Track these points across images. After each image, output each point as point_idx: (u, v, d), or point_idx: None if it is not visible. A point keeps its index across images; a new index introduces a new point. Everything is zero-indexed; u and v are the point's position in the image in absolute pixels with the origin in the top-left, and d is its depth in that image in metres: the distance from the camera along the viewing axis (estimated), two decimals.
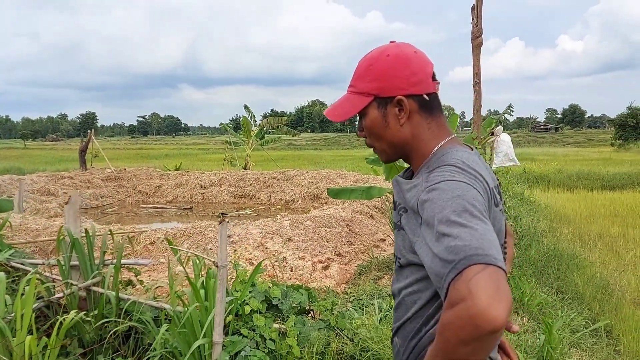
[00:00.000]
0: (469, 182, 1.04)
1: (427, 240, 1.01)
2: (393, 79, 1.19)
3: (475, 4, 5.21)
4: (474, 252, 0.89)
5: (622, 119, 39.65)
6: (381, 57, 1.21)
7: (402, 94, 1.19)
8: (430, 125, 1.22)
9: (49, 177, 13.42)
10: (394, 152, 1.27)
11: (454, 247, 0.91)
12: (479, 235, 0.92)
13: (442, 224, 0.96)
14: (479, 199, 1.02)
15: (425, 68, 1.21)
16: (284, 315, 3.03)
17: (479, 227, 0.94)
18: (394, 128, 1.22)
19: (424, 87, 1.20)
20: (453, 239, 0.92)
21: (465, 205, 0.98)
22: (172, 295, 2.71)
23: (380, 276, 5.91)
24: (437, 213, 0.99)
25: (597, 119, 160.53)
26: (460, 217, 0.95)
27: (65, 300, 3.30)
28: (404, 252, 1.18)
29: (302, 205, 12.44)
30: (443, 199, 1.00)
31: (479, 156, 1.22)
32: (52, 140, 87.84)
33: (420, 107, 1.20)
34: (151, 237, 6.69)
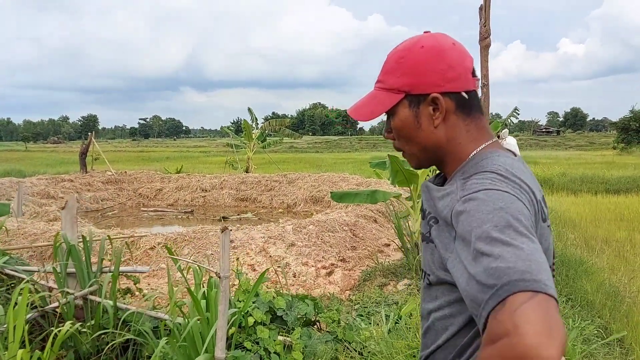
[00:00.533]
0: (513, 193, 0.90)
1: (462, 258, 0.87)
2: (427, 74, 1.04)
3: (483, 4, 5.08)
4: (520, 276, 0.75)
5: (625, 123, 39.53)
6: (414, 49, 1.06)
7: (437, 91, 1.04)
8: (468, 127, 1.07)
9: (49, 180, 13.31)
10: (425, 157, 1.12)
11: (495, 269, 0.78)
12: (525, 256, 0.78)
13: (481, 241, 0.82)
14: (524, 212, 0.87)
15: (464, 62, 1.06)
16: (289, 327, 2.90)
17: (526, 246, 0.80)
18: (426, 130, 1.07)
19: (462, 84, 1.05)
20: (494, 259, 0.79)
21: (509, 219, 0.84)
22: (171, 306, 2.58)
23: (385, 283, 5.78)
24: (475, 227, 0.85)
25: (599, 122, 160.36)
26: (503, 233, 0.81)
27: (60, 309, 3.17)
28: (433, 268, 1.03)
29: (305, 209, 12.31)
30: (482, 211, 0.86)
31: (524, 164, 1.07)
32: (53, 143, 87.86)
33: (458, 107, 1.05)
34: (151, 241, 6.56)
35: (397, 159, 5.90)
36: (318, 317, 3.08)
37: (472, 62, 1.07)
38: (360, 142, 69.06)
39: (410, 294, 5.14)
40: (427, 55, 1.04)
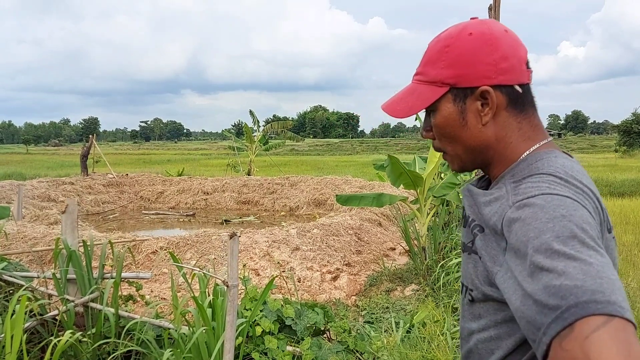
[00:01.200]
0: (576, 198, 0.78)
1: (515, 273, 0.75)
2: (477, 64, 0.91)
3: (492, 4, 4.98)
4: (590, 296, 0.63)
5: (627, 125, 39.38)
6: (461, 37, 0.93)
7: (487, 84, 0.91)
8: (520, 125, 0.94)
9: (49, 183, 13.21)
10: (470, 159, 0.99)
11: (559, 288, 0.66)
12: (595, 272, 0.66)
13: (541, 254, 0.70)
14: (590, 221, 0.76)
15: (519, 51, 0.93)
16: (299, 336, 2.78)
17: (595, 260, 0.68)
18: (474, 128, 0.94)
19: (516, 76, 0.92)
20: (557, 275, 0.67)
21: (573, 229, 0.72)
22: (176, 316, 2.46)
23: (392, 288, 5.67)
24: (532, 238, 0.73)
25: (600, 125, 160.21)
26: (567, 245, 0.70)
27: (60, 317, 3.06)
28: (477, 283, 0.91)
29: (307, 212, 12.20)
30: (541, 218, 0.74)
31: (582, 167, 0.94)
32: (54, 146, 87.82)
33: (510, 102, 0.93)
34: (153, 245, 6.46)
35: (398, 160, 5.78)
36: (328, 326, 2.96)
37: (526, 51, 0.95)
38: (361, 144, 68.93)
39: (419, 300, 5.03)
40: (476, 44, 0.91)
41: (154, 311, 3.19)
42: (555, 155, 0.90)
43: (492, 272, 0.84)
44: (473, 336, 0.94)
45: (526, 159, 0.91)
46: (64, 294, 3.20)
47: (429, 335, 2.74)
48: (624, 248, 7.62)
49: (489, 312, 0.90)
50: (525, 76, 0.94)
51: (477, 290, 0.91)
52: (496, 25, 0.94)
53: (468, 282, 0.94)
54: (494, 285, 0.83)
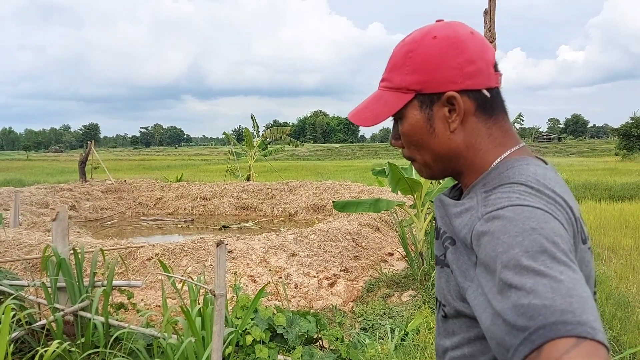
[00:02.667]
0: (547, 209, 0.74)
1: (485, 290, 0.71)
2: (442, 69, 0.87)
3: (488, 8, 4.96)
4: (560, 317, 0.60)
5: (626, 129, 39.37)
6: (425, 40, 0.89)
7: (454, 89, 0.87)
8: (491, 131, 0.89)
9: (47, 190, 13.17)
10: (440, 168, 0.95)
11: (527, 307, 0.63)
12: (565, 290, 0.63)
13: (509, 270, 0.67)
14: (562, 234, 0.71)
15: (486, 54, 0.88)
16: (290, 345, 2.73)
17: (565, 276, 0.64)
18: (442, 135, 0.90)
19: (484, 80, 0.87)
20: (526, 293, 0.64)
21: (544, 243, 0.68)
22: (164, 324, 2.42)
23: (389, 294, 5.62)
24: (500, 253, 0.69)
25: (600, 129, 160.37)
26: (536, 260, 0.66)
27: (49, 327, 3.02)
28: (449, 298, 0.86)
29: (306, 217, 12.16)
30: (510, 232, 0.70)
31: (557, 173, 0.90)
32: (54, 152, 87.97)
33: (479, 107, 0.88)
34: (149, 252, 6.41)
35: (397, 167, 5.76)
36: (320, 334, 2.91)
37: (494, 54, 0.90)
38: (361, 149, 68.98)
39: (416, 306, 4.98)
40: (441, 47, 0.87)
41: (145, 320, 3.15)
42: (527, 162, 0.86)
43: (463, 288, 0.80)
44: (447, 354, 0.90)
45: (497, 167, 0.87)
46: (54, 302, 3.16)
47: (422, 343, 2.70)
48: (623, 252, 7.59)
49: (462, 328, 0.85)
50: (494, 79, 0.89)
51: (450, 305, 0.86)
52: (462, 28, 0.90)
53: (441, 297, 0.90)
54: (466, 301, 0.79)
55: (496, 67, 0.90)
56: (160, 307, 4.84)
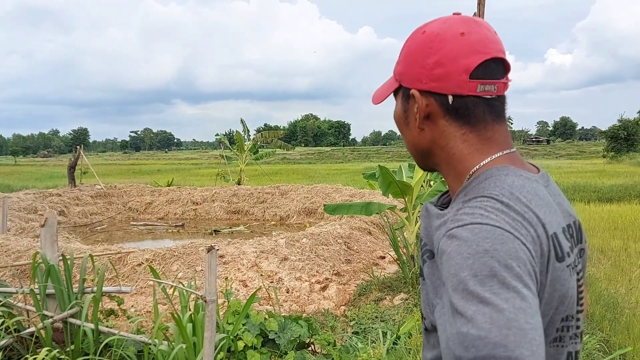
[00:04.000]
0: (508, 229, 0.71)
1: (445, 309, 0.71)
2: (414, 65, 0.87)
3: (476, 11, 5.00)
4: (490, 351, 0.60)
5: (614, 131, 39.85)
6: (416, 35, 0.90)
7: (418, 88, 0.87)
8: (466, 137, 0.87)
9: (36, 195, 13.04)
10: (419, 159, 0.97)
11: (464, 337, 0.63)
12: (504, 322, 0.61)
13: (457, 294, 0.66)
14: (519, 256, 0.69)
15: (462, 59, 0.83)
16: (282, 350, 2.72)
17: (509, 305, 0.63)
18: (413, 129, 0.91)
19: (450, 86, 0.84)
20: (466, 322, 0.63)
21: (494, 266, 0.66)
22: (154, 331, 2.40)
23: (381, 297, 5.62)
24: (452, 275, 0.68)
25: (588, 131, 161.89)
26: (484, 285, 0.65)
27: (37, 334, 2.98)
28: (427, 312, 0.85)
29: (298, 221, 12.14)
30: (462, 254, 0.69)
31: (547, 183, 0.88)
32: (43, 157, 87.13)
33: (448, 111, 0.86)
34: (139, 257, 6.36)
35: (388, 170, 5.77)
36: (312, 339, 2.90)
37: (479, 61, 0.83)
38: (352, 152, 69.04)
39: (407, 310, 4.98)
40: (420, 44, 0.87)
41: (135, 326, 3.12)
42: (507, 172, 0.82)
43: (433, 304, 0.80)
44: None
45: (478, 176, 0.84)
46: (43, 309, 3.12)
47: (414, 347, 2.70)
48: (612, 253, 7.67)
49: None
50: (465, 88, 0.84)
51: (428, 319, 0.86)
52: (455, 26, 0.86)
53: (423, 309, 0.89)
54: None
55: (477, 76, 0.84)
56: (150, 312, 4.81)
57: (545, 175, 0.89)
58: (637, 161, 30.97)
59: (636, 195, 14.14)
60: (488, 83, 0.84)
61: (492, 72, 0.84)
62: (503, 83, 0.86)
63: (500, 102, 0.88)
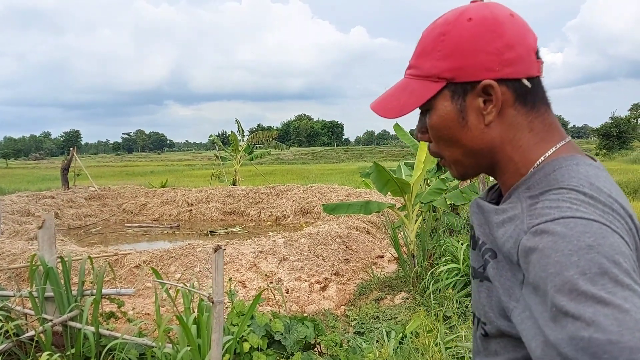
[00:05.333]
0: (604, 222, 0.64)
1: (535, 314, 0.63)
2: (477, 54, 0.77)
3: None
4: (629, 356, 0.52)
5: (606, 129, 39.98)
6: (459, 22, 0.79)
7: (491, 77, 0.77)
8: (532, 125, 0.80)
9: (29, 197, 12.89)
10: (473, 164, 0.85)
11: (589, 342, 0.55)
12: (633, 323, 0.54)
13: (563, 295, 0.58)
14: (624, 250, 0.62)
15: (526, 38, 0.78)
16: (288, 351, 2.67)
17: (631, 305, 0.56)
18: (475, 129, 0.80)
19: (524, 68, 0.78)
20: (586, 325, 0.55)
21: (603, 263, 0.59)
22: (160, 334, 2.34)
23: (381, 296, 5.59)
24: (552, 275, 0.60)
25: (580, 129, 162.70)
26: (596, 284, 0.58)
27: (37, 338, 2.92)
28: (491, 316, 0.77)
29: (294, 221, 12.09)
30: (562, 250, 0.61)
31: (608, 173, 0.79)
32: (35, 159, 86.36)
33: (518, 98, 0.78)
34: (136, 259, 6.29)
35: (383, 168, 5.72)
36: (319, 339, 2.85)
37: (536, 40, 0.81)
38: (346, 152, 69.01)
39: (409, 309, 4.95)
40: (477, 31, 0.77)
41: (137, 329, 3.06)
42: (577, 162, 0.75)
43: (508, 308, 0.71)
44: None
45: (543, 167, 0.77)
46: (42, 313, 3.06)
47: (422, 346, 2.67)
48: None
49: (507, 349, 0.77)
50: (535, 68, 0.80)
51: (491, 324, 0.77)
52: (500, 9, 0.80)
53: (480, 313, 0.81)
54: (511, 321, 0.71)
55: (538, 54, 0.81)
56: (149, 315, 4.74)
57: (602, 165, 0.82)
58: (629, 158, 31.10)
59: (629, 192, 14.19)
60: (541, 63, 0.81)
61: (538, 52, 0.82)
62: (542, 62, 0.83)
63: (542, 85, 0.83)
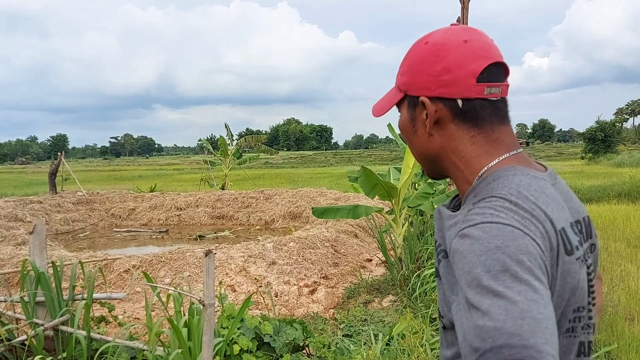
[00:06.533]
0: (518, 226, 0.75)
1: (461, 306, 0.75)
2: (421, 74, 0.92)
3: (460, 16, 5.09)
4: (506, 340, 0.63)
5: (592, 133, 40.47)
6: (419, 45, 0.94)
7: (427, 95, 0.91)
8: (474, 139, 0.91)
9: (16, 202, 12.80)
10: (427, 167, 1.01)
11: (481, 329, 0.65)
12: (518, 312, 0.65)
13: (472, 289, 0.70)
14: (531, 251, 0.72)
15: (469, 65, 0.88)
16: (277, 353, 2.73)
17: (522, 297, 0.66)
18: (422, 136, 0.95)
19: (459, 90, 0.89)
20: (482, 315, 0.66)
21: (506, 262, 0.69)
22: (151, 337, 2.39)
23: (370, 299, 5.66)
24: (466, 272, 0.72)
25: (566, 133, 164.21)
26: (497, 280, 0.68)
27: (29, 342, 2.94)
28: (445, 310, 0.88)
29: (283, 225, 12.13)
30: (475, 251, 0.72)
31: (555, 181, 0.91)
32: (21, 164, 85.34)
33: (457, 115, 0.90)
34: (125, 264, 6.30)
35: (371, 172, 5.81)
36: (307, 341, 2.92)
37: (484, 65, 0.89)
38: (335, 156, 69.10)
39: (397, 311, 5.02)
40: (425, 54, 0.92)
41: (128, 332, 3.10)
42: (514, 172, 0.86)
43: (449, 301, 0.84)
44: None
45: (486, 177, 0.87)
46: (33, 317, 3.09)
47: (408, 347, 2.73)
48: None
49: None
50: (472, 91, 0.89)
51: (446, 317, 0.89)
52: (457, 35, 0.91)
53: (440, 308, 0.92)
54: None
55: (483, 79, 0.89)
56: (140, 319, 4.77)
57: (553, 174, 0.93)
58: (614, 162, 31.53)
59: (614, 196, 14.40)
60: (493, 85, 0.89)
61: (495, 76, 0.90)
62: (506, 85, 0.92)
63: (504, 104, 0.93)
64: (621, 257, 7.39)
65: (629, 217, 10.51)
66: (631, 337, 4.41)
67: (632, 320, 4.97)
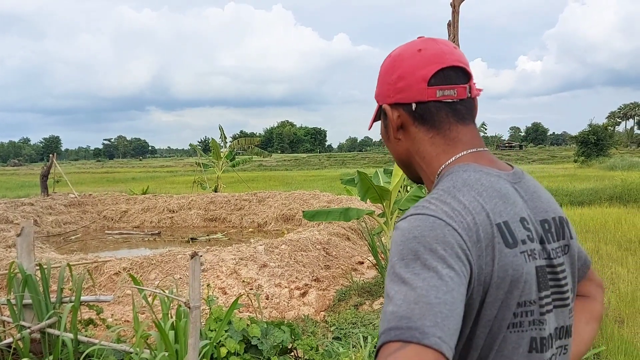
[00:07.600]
0: (441, 217, 0.79)
1: None
2: (383, 84, 1.01)
3: (451, 20, 5.12)
4: (397, 323, 0.67)
5: (584, 136, 40.71)
6: (386, 59, 1.03)
7: (388, 103, 0.99)
8: (433, 140, 0.96)
9: (7, 204, 12.73)
10: (405, 171, 1.07)
11: (384, 314, 0.71)
12: (414, 298, 0.69)
13: (388, 277, 0.75)
14: (447, 240, 0.76)
15: (419, 70, 0.94)
16: (265, 356, 2.73)
17: (424, 283, 0.70)
18: (393, 141, 1.02)
19: (412, 95, 0.95)
20: (389, 301, 0.71)
21: (419, 250, 0.74)
22: (137, 340, 2.38)
23: (360, 302, 5.66)
24: (389, 261, 0.77)
25: (559, 136, 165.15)
26: (407, 267, 0.73)
27: (15, 345, 2.93)
28: None
29: (276, 228, 12.13)
30: (397, 241, 0.78)
31: (518, 180, 0.93)
32: (13, 165, 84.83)
33: (415, 119, 0.96)
34: (116, 266, 6.28)
35: (366, 176, 5.83)
36: (295, 344, 2.92)
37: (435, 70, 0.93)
38: (329, 159, 69.15)
39: None
40: (387, 65, 1.00)
41: (115, 335, 3.09)
42: (466, 169, 0.90)
43: None
44: None
45: (442, 175, 0.93)
46: (20, 320, 3.07)
47: None
48: None
49: None
50: (425, 94, 0.94)
51: None
52: (414, 46, 0.98)
53: None
54: None
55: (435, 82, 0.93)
56: (129, 322, 4.75)
57: (519, 173, 0.96)
58: (606, 165, 31.75)
59: (606, 199, 14.49)
60: (447, 88, 0.94)
61: (450, 79, 0.94)
62: (463, 87, 0.94)
63: (464, 106, 0.96)
64: (612, 260, 7.44)
65: (620, 220, 10.58)
66: (620, 339, 4.43)
67: (622, 323, 5.00)
